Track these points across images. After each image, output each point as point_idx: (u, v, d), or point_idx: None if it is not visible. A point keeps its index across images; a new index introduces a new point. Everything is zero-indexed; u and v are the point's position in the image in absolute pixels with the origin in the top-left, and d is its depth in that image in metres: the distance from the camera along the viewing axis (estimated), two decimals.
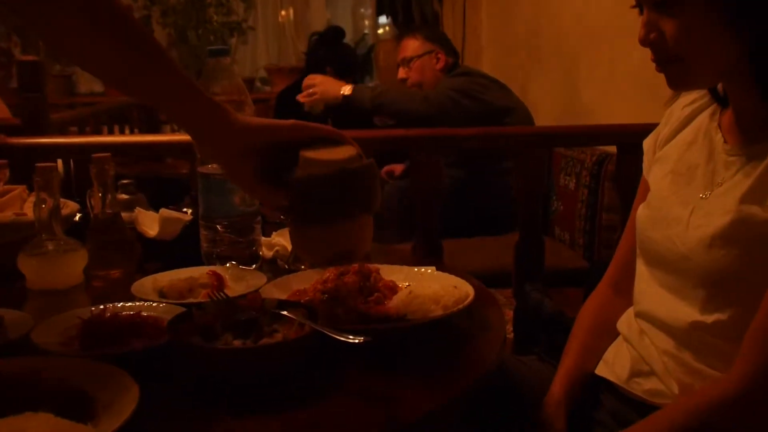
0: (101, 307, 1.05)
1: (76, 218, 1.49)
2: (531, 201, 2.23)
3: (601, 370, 1.17)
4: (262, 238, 1.36)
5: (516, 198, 2.26)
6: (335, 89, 2.89)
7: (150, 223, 1.45)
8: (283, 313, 0.95)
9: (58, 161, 2.23)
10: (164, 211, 1.45)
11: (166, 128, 4.48)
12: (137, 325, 0.98)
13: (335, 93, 2.88)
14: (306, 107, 2.93)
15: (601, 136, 2.40)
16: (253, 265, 1.31)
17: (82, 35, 0.91)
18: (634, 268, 1.16)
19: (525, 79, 3.04)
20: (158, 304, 1.08)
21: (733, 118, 1.05)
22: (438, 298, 1.04)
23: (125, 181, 1.62)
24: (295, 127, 1.00)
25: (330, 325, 0.92)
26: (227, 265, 1.29)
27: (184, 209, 1.50)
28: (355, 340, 0.87)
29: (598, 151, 2.67)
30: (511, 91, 3.02)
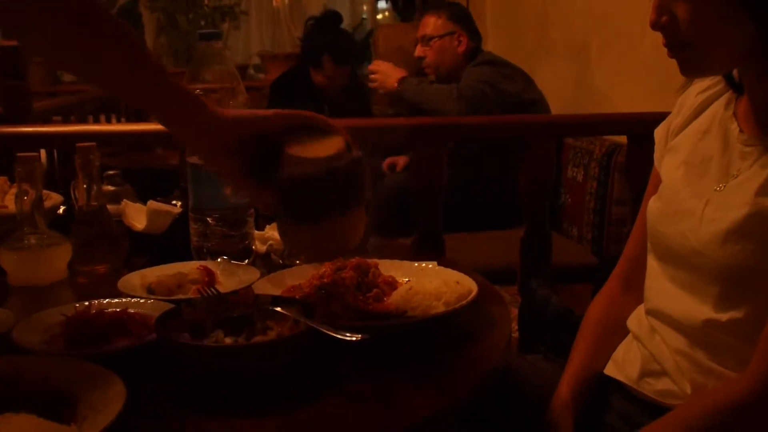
0: (86, 303, 1.05)
1: (60, 211, 1.49)
2: (537, 194, 2.23)
3: (610, 370, 1.18)
4: (255, 232, 1.36)
5: (522, 190, 2.26)
6: (392, 80, 3.00)
7: (137, 215, 1.45)
8: (277, 309, 0.95)
9: (41, 151, 2.23)
10: (152, 204, 1.45)
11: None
12: (124, 323, 0.98)
13: (391, 85, 3.01)
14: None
15: (610, 125, 2.40)
16: (246, 260, 1.31)
17: (48, 24, 0.89)
18: (645, 263, 1.16)
19: (531, 66, 3.03)
20: (146, 301, 1.08)
21: (750, 106, 1.05)
22: (440, 294, 1.04)
23: (111, 172, 1.62)
24: (278, 116, 0.98)
25: (326, 322, 0.92)
26: (218, 260, 1.29)
27: (173, 201, 1.50)
28: (353, 338, 0.88)
29: (607, 142, 2.67)
30: (533, 81, 3.01)
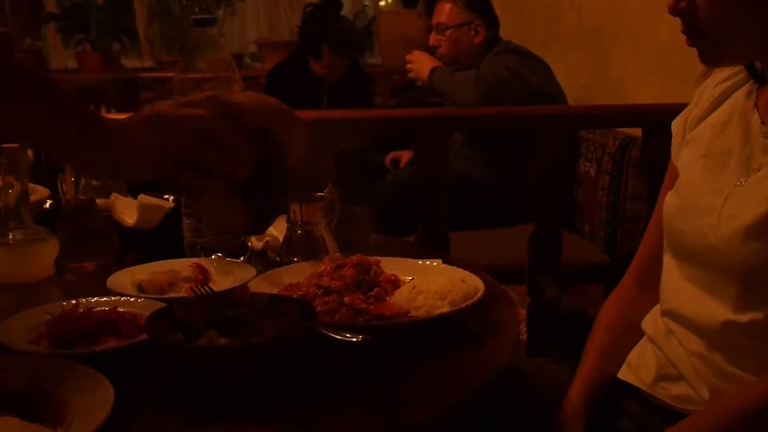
0: (73, 302, 1.05)
1: (47, 205, 1.49)
2: (547, 189, 2.23)
3: (623, 373, 1.18)
4: None
5: (531, 186, 2.26)
6: (425, 70, 2.98)
7: (128, 210, 1.45)
8: (274, 309, 0.95)
9: None
10: (143, 198, 1.45)
11: (146, 107, 4.48)
12: (113, 322, 0.98)
13: (424, 75, 2.99)
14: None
15: (624, 117, 2.40)
16: (241, 257, 1.31)
17: None
18: (661, 262, 1.16)
19: (541, 55, 3.01)
20: (136, 299, 1.08)
21: None
22: (445, 294, 1.04)
23: None
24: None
25: (326, 322, 0.91)
26: (212, 257, 1.28)
27: (165, 195, 1.50)
28: (354, 339, 0.88)
29: (621, 135, 2.66)
30: (554, 74, 2.98)
